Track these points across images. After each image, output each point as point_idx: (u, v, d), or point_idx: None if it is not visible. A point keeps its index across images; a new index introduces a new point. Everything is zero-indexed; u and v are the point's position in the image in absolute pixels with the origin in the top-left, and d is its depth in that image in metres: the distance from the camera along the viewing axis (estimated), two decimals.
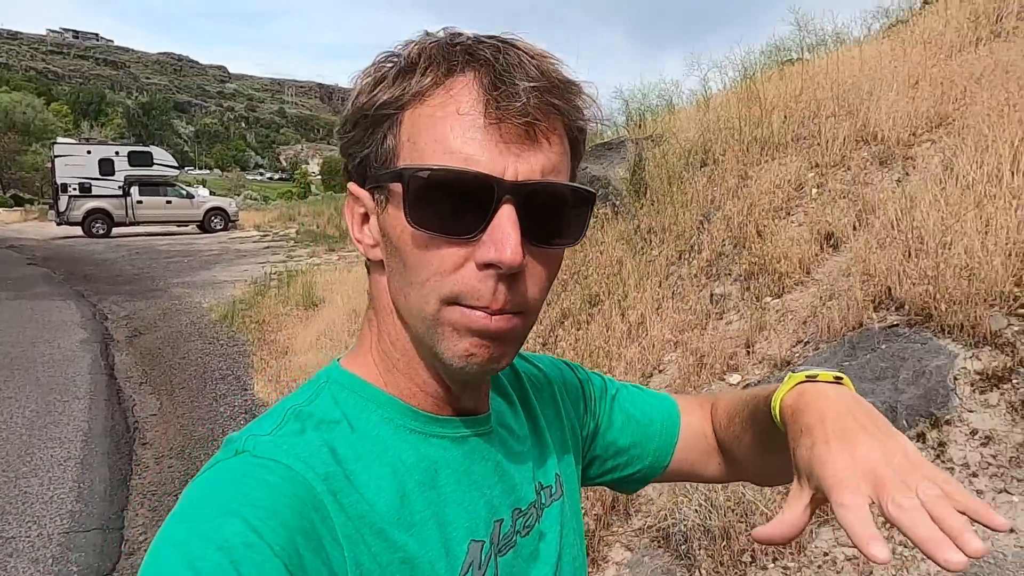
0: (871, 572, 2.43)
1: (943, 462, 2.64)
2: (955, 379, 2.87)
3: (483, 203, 0.57)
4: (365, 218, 0.65)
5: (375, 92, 0.60)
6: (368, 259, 0.68)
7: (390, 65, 0.61)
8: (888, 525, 0.54)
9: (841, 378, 0.68)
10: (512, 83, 0.56)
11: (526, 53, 0.59)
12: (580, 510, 0.84)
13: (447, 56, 0.59)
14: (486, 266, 0.57)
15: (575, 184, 0.63)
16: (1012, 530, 2.36)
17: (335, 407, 0.64)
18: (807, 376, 0.68)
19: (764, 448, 0.79)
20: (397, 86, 0.59)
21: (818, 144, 5.25)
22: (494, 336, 0.60)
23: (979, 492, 2.50)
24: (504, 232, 0.56)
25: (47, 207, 30.75)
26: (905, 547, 2.46)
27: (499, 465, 0.71)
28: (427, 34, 0.62)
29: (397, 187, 0.59)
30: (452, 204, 0.56)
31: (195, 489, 0.54)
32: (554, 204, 0.60)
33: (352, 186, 0.65)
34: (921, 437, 2.75)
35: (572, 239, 0.63)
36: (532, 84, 0.57)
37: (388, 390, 0.66)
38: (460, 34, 0.61)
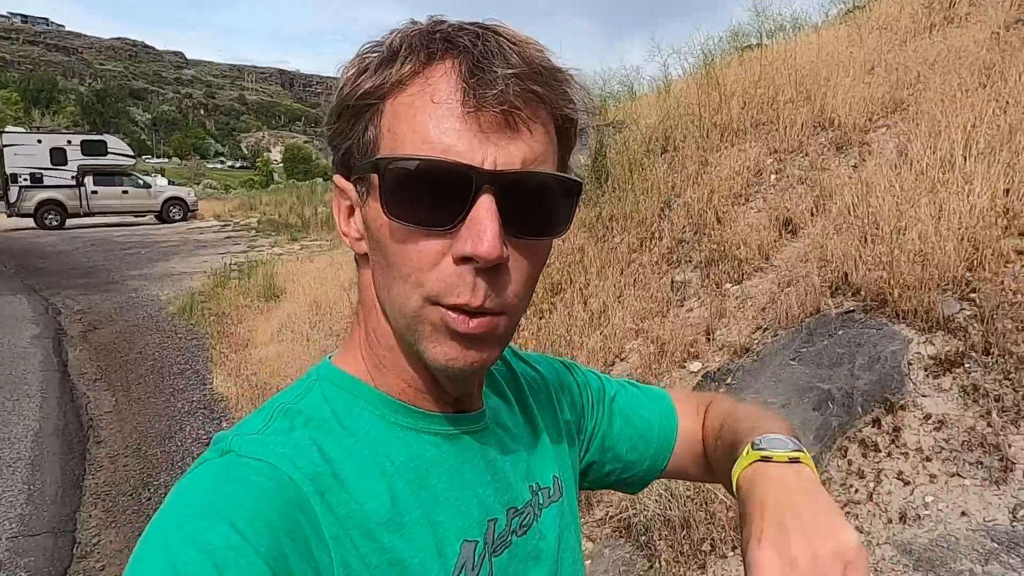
0: None
1: (898, 447, 2.68)
2: (909, 364, 2.90)
3: (461, 194, 0.55)
4: (351, 211, 0.64)
5: (358, 82, 0.59)
6: (355, 253, 0.66)
7: (374, 55, 0.59)
8: None
9: (798, 458, 0.67)
10: (490, 70, 0.54)
11: (508, 40, 0.57)
12: (578, 513, 0.82)
13: (427, 44, 0.57)
14: (464, 260, 0.55)
15: (558, 173, 0.60)
16: (964, 513, 2.40)
17: (324, 405, 0.63)
18: (762, 456, 0.67)
19: None
20: (378, 75, 0.58)
21: (777, 130, 5.28)
22: (475, 339, 0.58)
23: (932, 476, 2.54)
24: (481, 224, 0.54)
25: None
26: None
27: (492, 464, 0.69)
28: (412, 22, 0.61)
29: (375, 178, 0.58)
30: (430, 196, 0.55)
31: (181, 489, 0.53)
32: (537, 194, 0.58)
33: (337, 178, 0.64)
34: (876, 423, 2.78)
35: (557, 231, 0.61)
36: (512, 71, 0.55)
37: (378, 387, 0.65)
38: (442, 21, 0.60)
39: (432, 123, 0.55)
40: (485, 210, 0.55)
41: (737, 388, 3.32)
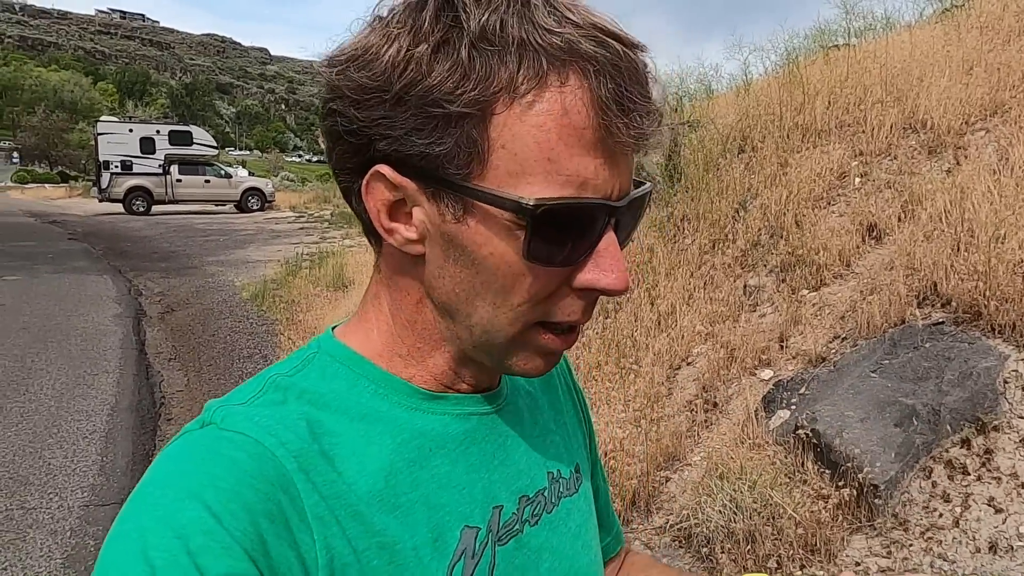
0: None
1: (989, 471, 2.48)
2: (1005, 382, 2.69)
3: (593, 229, 0.53)
4: (398, 205, 0.56)
5: (443, 75, 0.49)
6: (393, 244, 0.58)
7: (455, 32, 0.49)
8: None
9: None
10: (631, 99, 0.50)
11: (636, 60, 0.51)
12: (594, 509, 0.77)
13: (543, 45, 0.49)
14: (589, 291, 0.55)
15: (648, 186, 0.59)
16: None
17: (322, 380, 0.59)
18: None
19: None
20: (482, 74, 0.49)
21: (863, 131, 5.02)
22: (563, 351, 0.59)
23: None
24: (613, 258, 0.53)
25: (91, 184, 31.44)
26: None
27: (503, 447, 0.65)
28: None
29: (498, 212, 0.51)
30: (569, 235, 0.52)
31: (159, 465, 0.51)
32: (638, 212, 0.58)
33: (387, 171, 0.53)
34: (966, 443, 2.59)
35: (631, 237, 0.60)
36: (647, 107, 0.51)
37: (385, 368, 0.61)
38: (535, 4, 0.50)
39: (567, 152, 0.50)
40: (613, 243, 0.53)
41: (811, 399, 3.15)
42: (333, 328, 0.65)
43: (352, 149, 0.55)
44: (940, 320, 3.13)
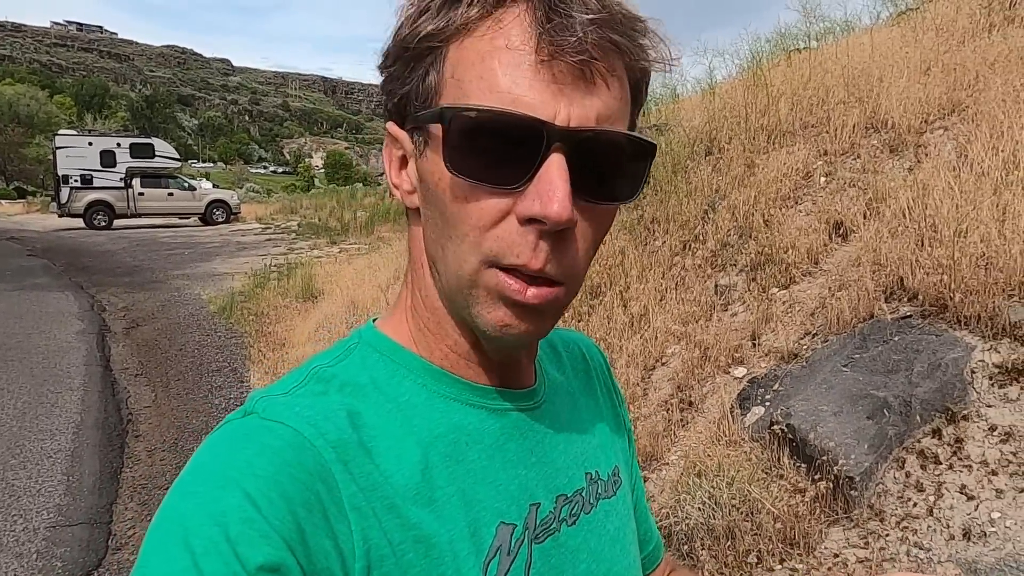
0: None
1: (960, 459, 2.52)
2: (972, 372, 2.74)
3: (530, 150, 0.51)
4: (403, 161, 0.60)
5: (418, 23, 0.54)
6: (406, 207, 0.62)
7: None
8: None
9: None
10: (567, 14, 0.49)
11: None
12: (632, 514, 0.76)
13: None
14: (529, 221, 0.52)
15: (634, 134, 0.55)
16: None
17: (363, 370, 0.59)
18: None
19: None
20: (442, 16, 0.53)
21: (827, 132, 5.11)
22: (532, 308, 0.55)
23: (999, 491, 2.38)
24: (552, 183, 0.50)
25: (49, 199, 30.73)
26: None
27: (540, 444, 0.64)
28: None
29: (437, 129, 0.53)
30: (496, 150, 0.51)
31: (201, 454, 0.52)
32: (610, 156, 0.54)
33: (391, 126, 0.59)
34: (936, 433, 2.63)
35: (627, 196, 0.57)
36: (591, 16, 0.50)
37: (421, 354, 0.61)
38: None
39: (502, 71, 0.50)
40: (556, 169, 0.50)
41: (785, 395, 3.19)
42: (374, 320, 0.65)
43: (388, 113, 0.60)
44: (908, 314, 3.19)
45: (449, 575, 0.54)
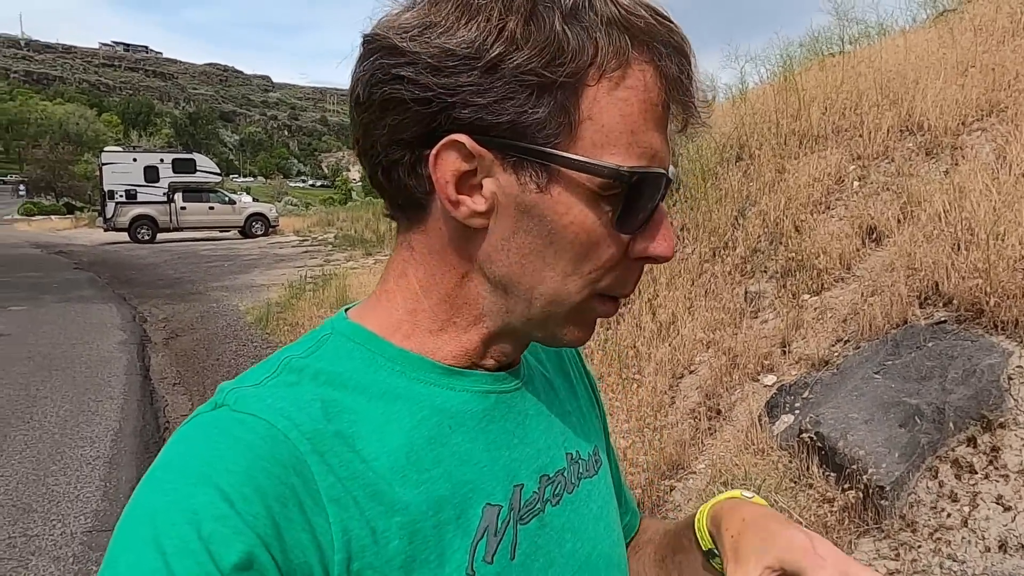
0: None
1: (996, 468, 2.44)
2: (1010, 379, 2.66)
3: (655, 198, 0.56)
4: (466, 176, 0.55)
5: (540, 46, 0.51)
6: (455, 220, 0.57)
7: (545, 5, 0.51)
8: None
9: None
10: (692, 84, 0.56)
11: (691, 49, 0.57)
12: (614, 492, 0.77)
13: (627, 24, 0.53)
14: (645, 259, 0.58)
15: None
16: None
17: (338, 359, 0.58)
18: (740, 495, 0.70)
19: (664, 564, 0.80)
20: (574, 48, 0.51)
21: (860, 135, 5.02)
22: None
23: None
24: (669, 228, 0.57)
25: (96, 214, 31.64)
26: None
27: (522, 426, 0.64)
28: None
29: (588, 178, 0.53)
30: (646, 204, 0.55)
31: (171, 448, 0.51)
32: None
33: (467, 140, 0.53)
34: (972, 442, 2.55)
35: None
36: (703, 94, 0.57)
37: (405, 345, 0.60)
38: None
39: (644, 126, 0.54)
40: (664, 213, 0.57)
41: (815, 403, 3.12)
42: (346, 310, 0.64)
43: (417, 118, 0.54)
44: (942, 319, 3.10)
45: (435, 558, 0.54)
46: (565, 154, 0.53)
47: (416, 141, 0.55)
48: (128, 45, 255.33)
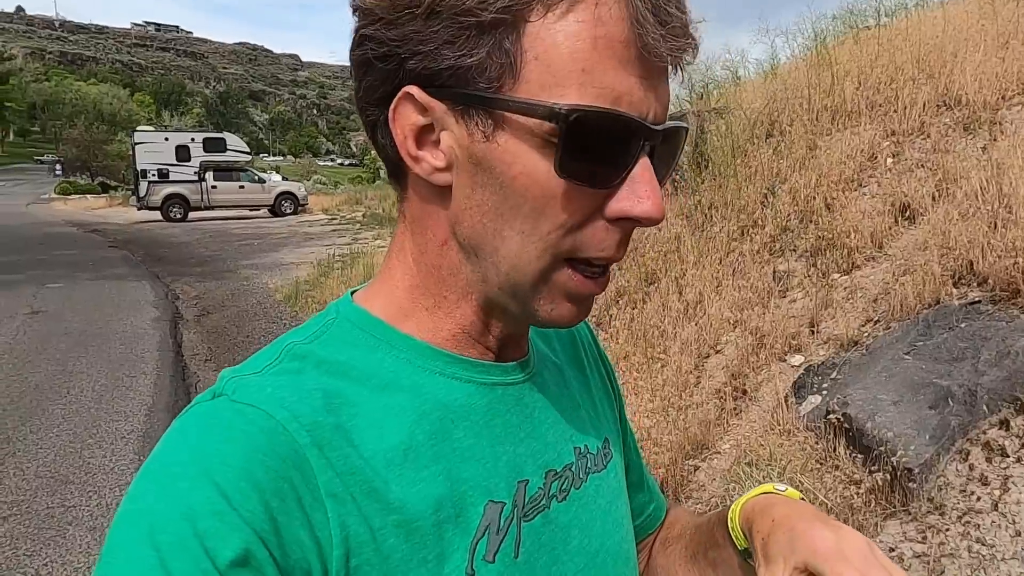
0: (942, 572, 2.21)
1: None
2: None
3: (627, 150, 0.50)
4: (425, 131, 0.53)
5: None
6: (406, 178, 0.57)
7: None
8: None
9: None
10: (667, 12, 0.48)
11: None
12: (625, 487, 0.75)
13: None
14: (623, 220, 0.51)
15: (685, 124, 0.56)
16: None
17: (342, 347, 0.56)
18: (773, 490, 0.66)
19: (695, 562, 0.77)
20: None
21: (895, 111, 4.90)
22: (592, 297, 0.56)
23: None
24: (650, 184, 0.51)
25: (130, 193, 32.15)
26: (983, 545, 2.23)
27: (529, 419, 0.62)
28: None
29: (534, 123, 0.48)
30: (600, 151, 0.49)
31: (169, 440, 0.50)
32: (674, 148, 0.55)
33: (416, 91, 0.51)
34: (1004, 424, 2.50)
35: (668, 181, 0.57)
36: (683, 16, 0.49)
37: (408, 330, 0.58)
38: None
39: (604, 64, 0.47)
40: (648, 168, 0.51)
41: (843, 383, 3.08)
42: (353, 292, 0.62)
43: (382, 76, 0.53)
44: (976, 299, 3.03)
45: (433, 558, 0.52)
46: (502, 96, 0.49)
47: (384, 99, 0.53)
48: (159, 25, 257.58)
